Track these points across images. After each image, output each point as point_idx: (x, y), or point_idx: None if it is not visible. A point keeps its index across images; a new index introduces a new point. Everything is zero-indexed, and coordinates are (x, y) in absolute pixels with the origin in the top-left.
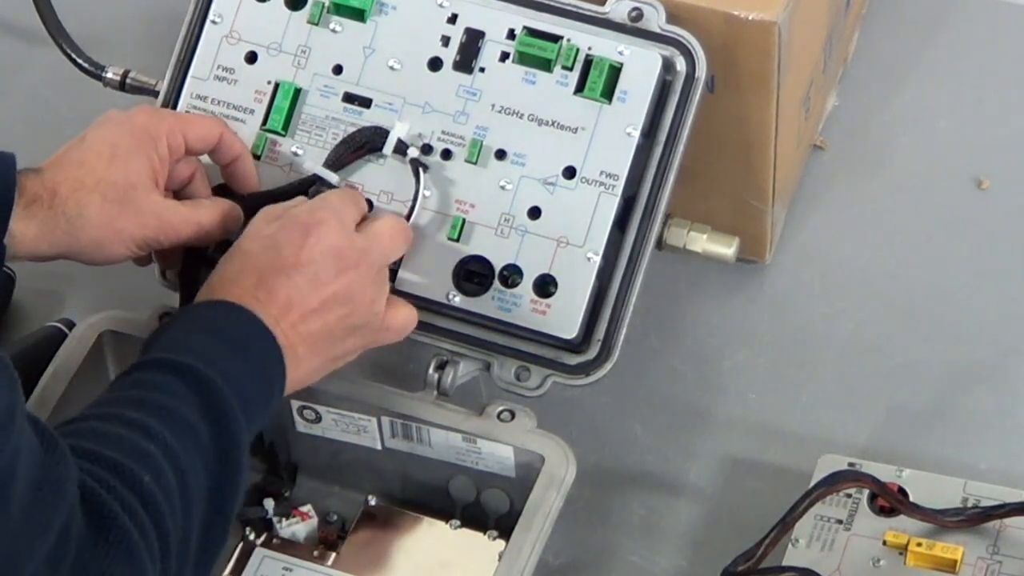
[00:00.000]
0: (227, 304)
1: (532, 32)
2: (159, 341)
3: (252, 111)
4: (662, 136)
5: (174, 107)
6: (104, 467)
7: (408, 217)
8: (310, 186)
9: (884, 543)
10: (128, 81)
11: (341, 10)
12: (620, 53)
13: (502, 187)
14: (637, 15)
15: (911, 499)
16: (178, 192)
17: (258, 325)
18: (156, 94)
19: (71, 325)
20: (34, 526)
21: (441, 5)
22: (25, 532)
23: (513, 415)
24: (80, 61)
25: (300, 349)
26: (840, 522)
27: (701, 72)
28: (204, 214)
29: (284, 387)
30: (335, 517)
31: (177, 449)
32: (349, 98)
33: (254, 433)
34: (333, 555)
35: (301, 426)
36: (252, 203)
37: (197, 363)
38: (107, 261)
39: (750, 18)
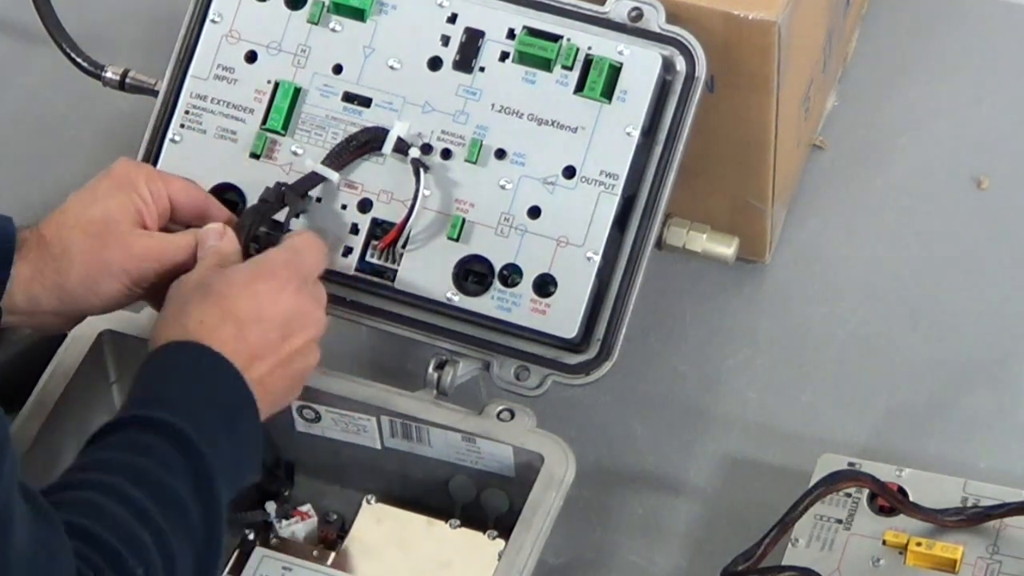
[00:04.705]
0: (216, 357)
1: (532, 32)
2: (153, 388)
3: (252, 110)
4: (662, 136)
5: (173, 106)
6: (101, 554)
7: (408, 217)
8: (311, 185)
9: (884, 543)
10: (127, 81)
11: (341, 9)
12: (620, 53)
13: (502, 187)
14: (637, 15)
15: (911, 499)
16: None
17: (245, 388)
18: (155, 93)
19: None
20: None
21: (441, 5)
22: None
23: (513, 414)
24: (79, 60)
25: (264, 402)
26: (840, 522)
27: (701, 72)
28: (199, 232)
29: (259, 461)
30: (335, 517)
31: (169, 536)
32: (349, 97)
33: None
34: (332, 555)
35: (301, 425)
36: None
37: (194, 434)
38: (104, 304)
39: (750, 18)
